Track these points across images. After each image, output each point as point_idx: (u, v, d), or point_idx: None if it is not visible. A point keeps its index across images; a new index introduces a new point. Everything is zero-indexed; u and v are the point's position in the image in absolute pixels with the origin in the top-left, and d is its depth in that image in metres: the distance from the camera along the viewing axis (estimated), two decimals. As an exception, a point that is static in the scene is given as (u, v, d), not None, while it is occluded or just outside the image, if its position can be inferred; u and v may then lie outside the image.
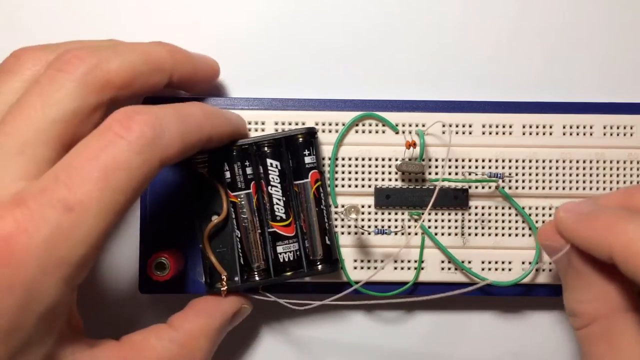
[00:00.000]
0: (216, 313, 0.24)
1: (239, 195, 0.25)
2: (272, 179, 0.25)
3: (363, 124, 0.27)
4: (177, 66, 0.24)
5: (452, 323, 0.29)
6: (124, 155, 0.19)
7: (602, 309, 0.22)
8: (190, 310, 0.24)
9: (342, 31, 0.29)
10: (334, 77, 0.29)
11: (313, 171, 0.25)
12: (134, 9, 0.29)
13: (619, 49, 0.29)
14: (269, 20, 0.29)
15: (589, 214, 0.22)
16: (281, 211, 0.25)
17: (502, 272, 0.27)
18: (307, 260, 0.25)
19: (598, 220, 0.21)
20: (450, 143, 0.26)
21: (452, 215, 0.27)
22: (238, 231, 0.25)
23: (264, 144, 0.25)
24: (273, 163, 0.25)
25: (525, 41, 0.29)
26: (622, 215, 0.20)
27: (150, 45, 0.23)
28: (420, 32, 0.29)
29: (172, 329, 0.23)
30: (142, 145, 0.19)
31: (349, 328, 0.29)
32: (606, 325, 0.21)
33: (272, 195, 0.25)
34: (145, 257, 0.25)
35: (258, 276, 0.25)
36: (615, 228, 0.20)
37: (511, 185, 0.27)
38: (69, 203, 0.18)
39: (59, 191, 0.18)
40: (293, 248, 0.25)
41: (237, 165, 0.25)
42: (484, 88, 0.29)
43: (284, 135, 0.25)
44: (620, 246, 0.20)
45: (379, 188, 0.27)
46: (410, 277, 0.26)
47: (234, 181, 0.25)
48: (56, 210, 0.18)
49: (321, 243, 0.25)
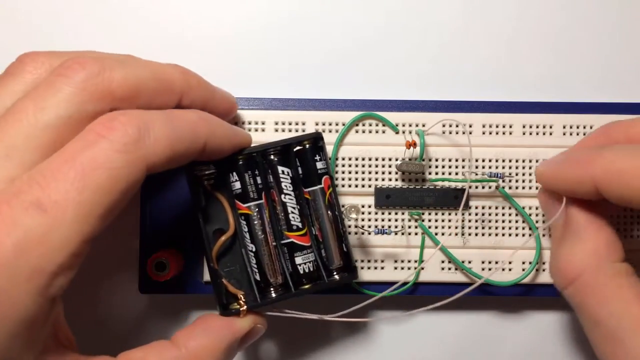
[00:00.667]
0: (226, 332, 0.22)
1: (251, 207, 0.24)
2: (285, 187, 0.24)
3: (363, 124, 0.27)
4: (189, 90, 0.22)
5: (452, 323, 0.29)
6: (105, 154, 0.18)
7: (588, 260, 0.22)
8: (197, 327, 0.22)
9: (342, 31, 0.29)
10: (334, 77, 0.29)
11: (325, 177, 0.24)
12: (134, 9, 0.29)
13: (619, 49, 0.29)
14: (270, 21, 0.29)
15: (568, 157, 0.23)
16: (297, 220, 0.24)
17: (502, 272, 0.27)
18: (326, 270, 0.24)
19: (577, 158, 0.22)
20: (470, 143, 0.26)
21: (452, 215, 0.27)
22: (252, 245, 0.24)
23: (270, 151, 0.24)
24: (284, 170, 0.24)
25: (526, 41, 0.29)
26: (598, 148, 0.22)
27: (162, 64, 0.22)
28: (420, 32, 0.29)
29: (175, 347, 0.21)
30: (124, 144, 0.18)
31: (349, 328, 0.29)
32: (595, 276, 0.22)
33: (286, 204, 0.24)
34: (145, 257, 0.25)
35: (275, 292, 0.24)
36: (594, 158, 0.21)
37: (511, 185, 0.27)
38: (42, 204, 0.17)
39: (32, 192, 0.17)
40: (311, 258, 0.24)
41: (248, 175, 0.24)
42: (484, 88, 0.29)
43: (291, 141, 0.24)
44: (601, 171, 0.21)
45: (379, 188, 0.27)
46: (410, 277, 0.26)
47: (245, 192, 0.24)
48: (28, 213, 0.17)
49: (338, 251, 0.24)
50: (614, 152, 0.21)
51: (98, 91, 0.19)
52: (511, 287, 0.27)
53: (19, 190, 0.17)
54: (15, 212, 0.17)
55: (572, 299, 0.22)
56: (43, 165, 0.18)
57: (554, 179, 0.23)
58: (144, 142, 0.19)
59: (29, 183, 0.17)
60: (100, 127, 0.18)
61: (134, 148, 0.18)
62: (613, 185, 0.21)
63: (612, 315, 0.21)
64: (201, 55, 0.29)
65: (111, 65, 0.20)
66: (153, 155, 0.19)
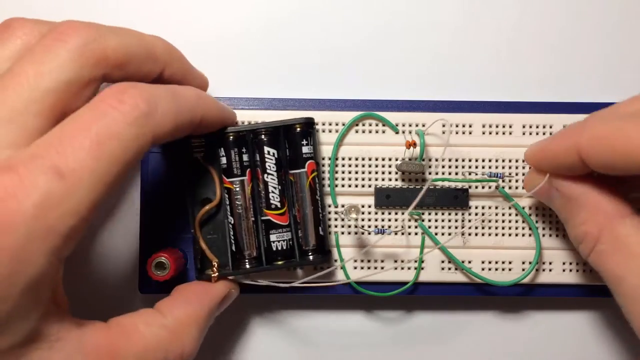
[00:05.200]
0: (205, 300, 0.24)
1: (234, 182, 0.25)
2: (268, 167, 0.25)
3: (363, 124, 0.27)
4: (171, 62, 0.23)
5: (452, 323, 0.29)
6: (118, 126, 0.19)
7: (601, 223, 0.22)
8: (179, 297, 0.24)
9: (342, 31, 0.29)
10: (334, 77, 0.29)
11: (310, 161, 0.25)
12: (133, 8, 0.29)
13: (619, 49, 0.29)
14: (270, 20, 0.29)
15: (553, 136, 0.24)
16: (276, 199, 0.25)
17: (502, 272, 0.27)
18: (300, 250, 0.25)
19: (562, 132, 0.23)
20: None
21: (452, 215, 0.27)
22: (231, 218, 0.25)
23: (261, 131, 0.25)
24: (270, 151, 0.25)
25: (526, 41, 0.29)
26: (580, 121, 0.23)
27: (148, 35, 0.23)
28: (420, 32, 0.29)
29: (161, 315, 0.22)
30: (135, 117, 0.19)
31: (349, 328, 0.29)
32: (611, 236, 0.22)
33: (267, 183, 0.25)
34: (145, 257, 0.25)
35: (249, 264, 0.25)
36: (579, 129, 0.22)
37: (511, 185, 0.27)
38: (61, 170, 0.18)
39: (50, 158, 0.18)
40: (286, 237, 0.25)
41: (234, 152, 0.25)
42: (484, 88, 0.29)
43: (282, 124, 0.25)
44: (585, 139, 0.21)
45: (379, 188, 0.27)
46: (410, 277, 0.26)
47: (229, 167, 0.25)
48: (47, 177, 0.17)
49: (315, 233, 0.25)
50: (596, 119, 0.22)
51: (94, 57, 0.20)
52: (511, 287, 0.27)
53: (36, 154, 0.18)
54: (34, 176, 0.17)
55: (597, 266, 0.23)
56: (57, 130, 0.19)
57: (542, 153, 0.24)
58: (153, 116, 0.20)
59: (45, 148, 0.18)
60: (112, 98, 0.19)
61: (144, 122, 0.19)
62: (597, 151, 0.21)
63: (633, 272, 0.21)
64: (201, 55, 0.28)
65: (105, 32, 0.21)
66: (160, 128, 0.20)
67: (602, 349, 0.29)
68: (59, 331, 0.19)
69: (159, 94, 0.20)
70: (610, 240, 0.22)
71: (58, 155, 0.18)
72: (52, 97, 0.19)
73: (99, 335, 0.20)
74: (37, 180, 0.17)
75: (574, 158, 0.22)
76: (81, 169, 0.18)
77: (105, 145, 0.18)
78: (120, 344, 0.21)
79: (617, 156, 0.20)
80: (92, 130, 0.18)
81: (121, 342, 0.21)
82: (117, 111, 0.19)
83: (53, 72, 0.19)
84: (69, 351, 0.19)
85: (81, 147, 0.18)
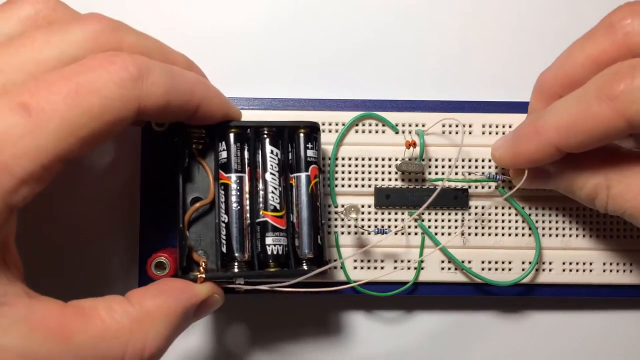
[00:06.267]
0: (182, 296, 0.22)
1: (232, 177, 0.24)
2: (270, 167, 0.24)
3: (363, 124, 0.27)
4: None
5: (452, 323, 0.29)
6: (102, 82, 0.18)
7: (604, 169, 0.23)
8: (154, 288, 0.21)
9: (342, 31, 0.29)
10: (334, 77, 0.29)
11: (313, 166, 0.24)
12: (133, 8, 0.29)
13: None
14: (270, 20, 0.29)
15: (518, 134, 0.24)
16: (276, 201, 0.24)
17: (502, 272, 0.27)
18: (295, 258, 0.24)
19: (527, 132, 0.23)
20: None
21: (452, 215, 0.27)
22: (226, 216, 0.23)
23: (264, 130, 0.24)
24: (274, 151, 0.24)
25: (525, 41, 0.29)
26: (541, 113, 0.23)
27: (173, 50, 0.23)
28: (420, 32, 0.29)
29: (127, 303, 0.20)
30: (121, 78, 0.18)
31: (349, 328, 0.29)
32: (620, 175, 0.22)
33: (268, 183, 0.24)
34: (145, 257, 0.25)
35: (239, 268, 0.23)
36: (542, 125, 0.22)
37: (511, 186, 0.27)
38: (28, 107, 0.17)
39: (21, 95, 0.17)
40: (283, 242, 0.24)
41: (237, 146, 0.24)
42: (484, 88, 0.29)
43: (288, 124, 0.24)
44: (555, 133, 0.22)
45: (379, 188, 0.27)
46: (410, 277, 0.26)
47: (229, 162, 0.24)
48: (12, 112, 0.17)
49: (312, 242, 0.24)
50: (555, 111, 0.22)
51: (108, 46, 0.20)
52: (511, 287, 0.27)
53: (9, 91, 0.17)
54: (0, 108, 0.17)
55: (619, 209, 0.23)
56: (39, 76, 0.18)
57: (514, 159, 0.24)
58: (141, 83, 0.19)
59: (20, 87, 0.18)
60: (103, 57, 0.19)
61: (131, 85, 0.19)
62: (571, 139, 0.22)
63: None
64: (201, 55, 0.28)
65: (127, 29, 0.21)
66: (147, 98, 0.19)
67: (602, 348, 0.29)
68: (5, 294, 0.17)
69: (153, 65, 0.20)
70: (620, 178, 0.22)
71: (31, 94, 0.17)
72: (50, 66, 0.19)
73: (52, 311, 0.18)
74: (1, 114, 0.17)
75: (551, 152, 0.22)
76: (51, 112, 0.17)
77: (83, 96, 0.18)
78: (75, 325, 0.18)
79: (590, 135, 0.21)
80: (73, 80, 0.18)
81: (76, 323, 0.19)
82: (104, 69, 0.18)
83: (61, 44, 0.19)
84: (13, 319, 0.17)
85: (57, 92, 0.17)
